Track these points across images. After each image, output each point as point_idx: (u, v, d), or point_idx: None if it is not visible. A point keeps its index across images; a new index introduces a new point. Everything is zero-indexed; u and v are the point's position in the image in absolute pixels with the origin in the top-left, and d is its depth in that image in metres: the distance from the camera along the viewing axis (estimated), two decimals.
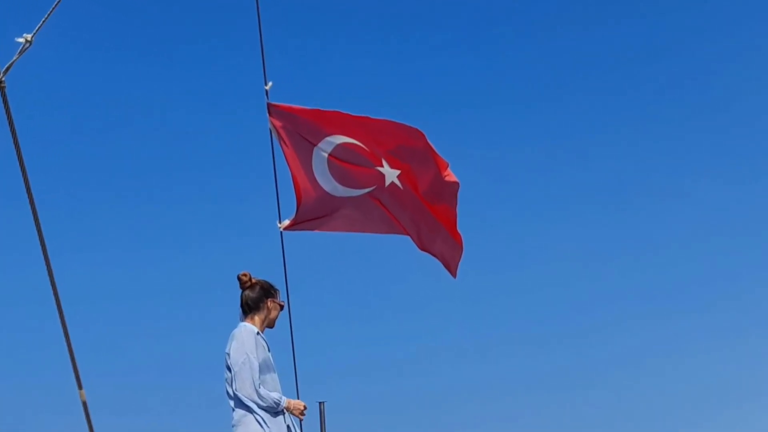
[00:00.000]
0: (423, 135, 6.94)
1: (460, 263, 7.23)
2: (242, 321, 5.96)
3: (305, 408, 5.90)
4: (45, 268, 4.89)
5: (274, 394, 5.70)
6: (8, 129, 4.52)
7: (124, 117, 16.86)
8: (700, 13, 18.01)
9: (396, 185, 7.12)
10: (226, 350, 5.78)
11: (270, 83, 6.97)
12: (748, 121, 17.50)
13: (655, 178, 17.48)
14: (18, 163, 4.61)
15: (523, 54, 18.14)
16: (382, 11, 17.96)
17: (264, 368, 5.74)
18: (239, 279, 6.07)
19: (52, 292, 4.95)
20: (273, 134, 7.03)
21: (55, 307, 4.98)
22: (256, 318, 5.95)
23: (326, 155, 7.08)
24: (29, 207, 4.74)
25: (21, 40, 4.37)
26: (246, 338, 5.74)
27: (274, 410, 5.69)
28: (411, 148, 6.97)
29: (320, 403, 6.49)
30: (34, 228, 4.78)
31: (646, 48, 18.06)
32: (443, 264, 7.29)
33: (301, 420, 5.90)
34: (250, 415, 5.63)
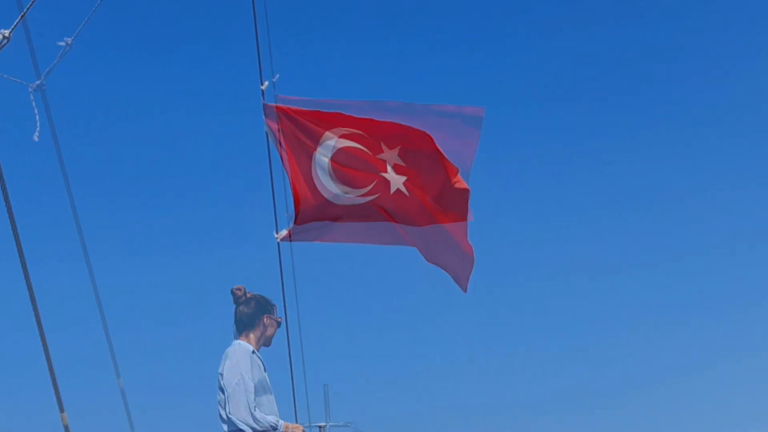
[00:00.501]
0: (431, 138, 6.87)
1: (470, 276, 7.17)
2: (236, 339, 5.92)
3: None
4: (23, 279, 4.84)
5: (270, 417, 5.66)
6: None
7: (116, 119, 16.88)
8: (726, 13, 18.02)
9: (402, 192, 7.06)
10: (219, 370, 5.74)
11: (266, 83, 6.91)
12: None
13: (674, 183, 17.46)
14: None
15: (535, 52, 18.16)
16: (382, 11, 17.99)
17: (260, 389, 5.69)
18: (233, 293, 6.03)
19: (31, 305, 4.89)
20: (269, 137, 6.97)
21: (34, 322, 4.91)
22: (252, 335, 5.90)
23: (327, 160, 7.02)
24: (6, 212, 4.68)
25: None
26: (240, 357, 5.69)
27: None
28: (418, 153, 6.91)
29: (320, 426, 6.42)
30: (11, 234, 4.73)
31: (668, 47, 18.07)
32: (453, 277, 7.23)
33: None
34: None
